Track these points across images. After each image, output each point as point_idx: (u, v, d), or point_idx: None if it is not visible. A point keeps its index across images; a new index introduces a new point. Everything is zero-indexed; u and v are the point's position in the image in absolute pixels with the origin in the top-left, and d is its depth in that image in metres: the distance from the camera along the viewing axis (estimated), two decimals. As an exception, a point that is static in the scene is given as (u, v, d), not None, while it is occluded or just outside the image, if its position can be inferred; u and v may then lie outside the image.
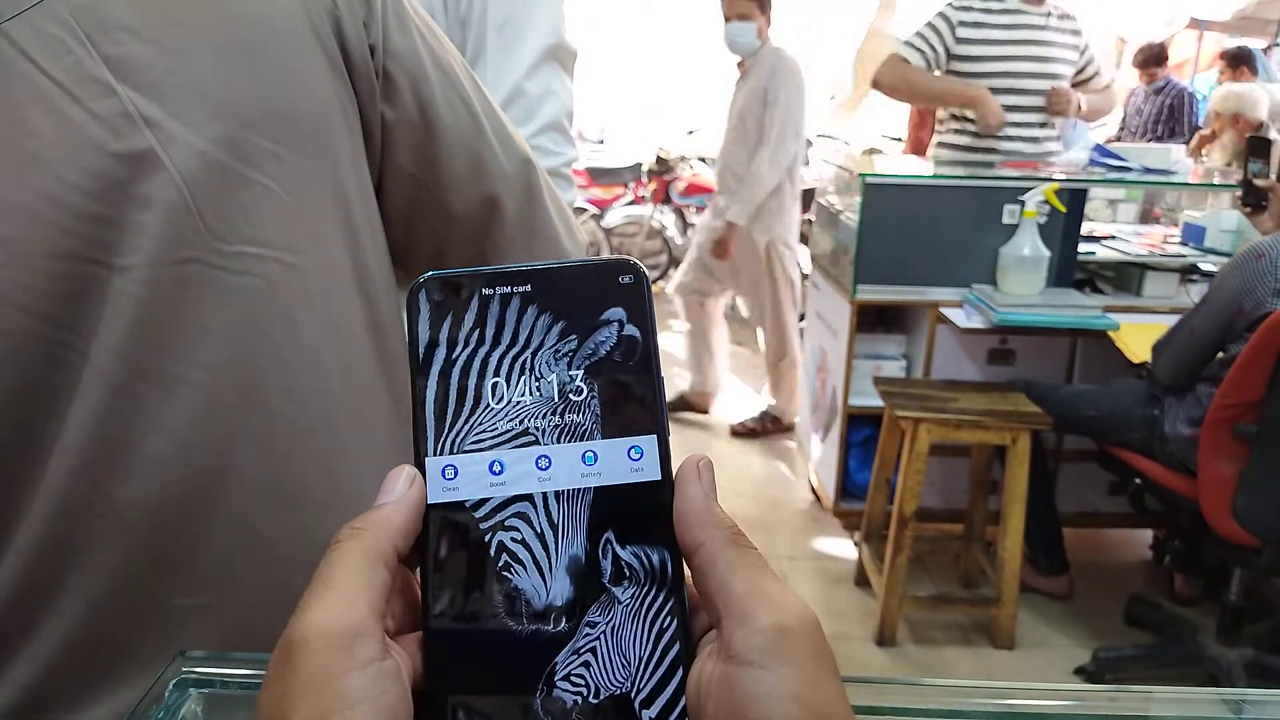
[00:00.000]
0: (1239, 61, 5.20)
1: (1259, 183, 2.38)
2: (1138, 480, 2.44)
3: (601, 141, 7.63)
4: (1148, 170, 3.08)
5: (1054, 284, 2.83)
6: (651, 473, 0.32)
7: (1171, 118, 5.37)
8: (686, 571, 0.32)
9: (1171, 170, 3.08)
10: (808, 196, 4.06)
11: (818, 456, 3.37)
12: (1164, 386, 2.33)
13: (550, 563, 0.31)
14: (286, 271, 0.56)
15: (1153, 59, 5.48)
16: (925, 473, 2.46)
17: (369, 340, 0.63)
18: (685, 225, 6.28)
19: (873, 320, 3.10)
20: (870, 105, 7.63)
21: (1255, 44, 5.94)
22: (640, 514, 0.31)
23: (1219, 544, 2.24)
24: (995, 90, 3.01)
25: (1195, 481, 2.21)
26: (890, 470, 2.71)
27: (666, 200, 6.32)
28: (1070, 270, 2.90)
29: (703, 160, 7.07)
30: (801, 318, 3.85)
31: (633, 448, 0.32)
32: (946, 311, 2.77)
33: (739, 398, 4.51)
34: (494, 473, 0.32)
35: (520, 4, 1.08)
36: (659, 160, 6.34)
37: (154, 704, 0.45)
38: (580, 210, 6.36)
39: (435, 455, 0.32)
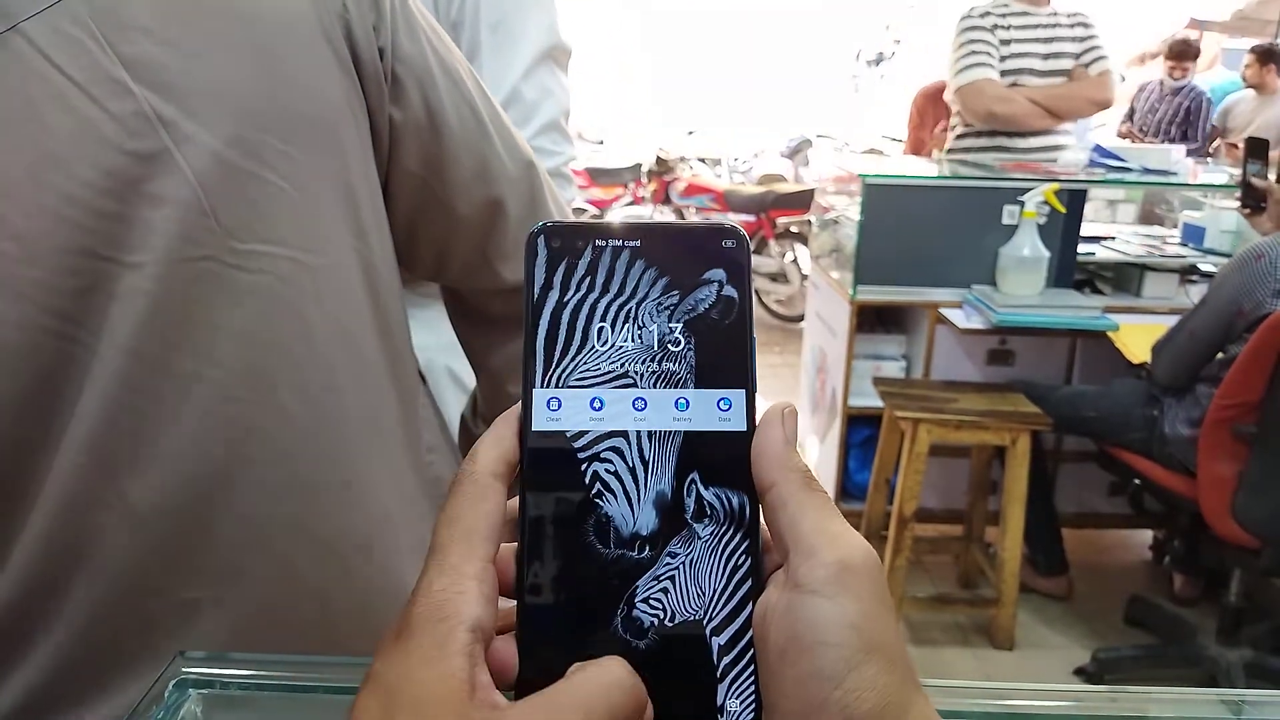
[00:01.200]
0: (1269, 58, 5.16)
1: (1257, 184, 2.38)
2: (1137, 481, 2.44)
3: (601, 141, 7.63)
4: (1148, 170, 3.08)
5: (1053, 284, 2.83)
6: (738, 423, 0.34)
7: (1186, 121, 5.32)
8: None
9: (1172, 170, 3.08)
10: (807, 197, 4.07)
11: (817, 457, 3.37)
12: (1163, 387, 2.33)
13: (639, 495, 0.33)
14: (297, 270, 0.56)
15: (1187, 52, 5.33)
16: (925, 473, 2.46)
17: (376, 338, 0.64)
18: (685, 226, 6.27)
19: (872, 321, 3.10)
20: (871, 106, 7.64)
21: (1254, 44, 5.94)
22: (724, 459, 0.34)
23: (1218, 544, 2.24)
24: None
25: (1195, 482, 2.21)
26: (890, 471, 2.71)
27: (666, 201, 6.32)
28: (1070, 271, 2.90)
29: (702, 161, 7.07)
30: (801, 318, 3.86)
31: (722, 399, 0.34)
32: (946, 312, 2.77)
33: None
34: (594, 409, 0.34)
35: (512, 4, 1.08)
36: (659, 160, 6.35)
37: (154, 704, 0.46)
38: (580, 210, 6.36)
39: (541, 387, 0.34)
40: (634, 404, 0.34)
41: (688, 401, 0.34)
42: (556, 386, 0.34)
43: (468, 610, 0.30)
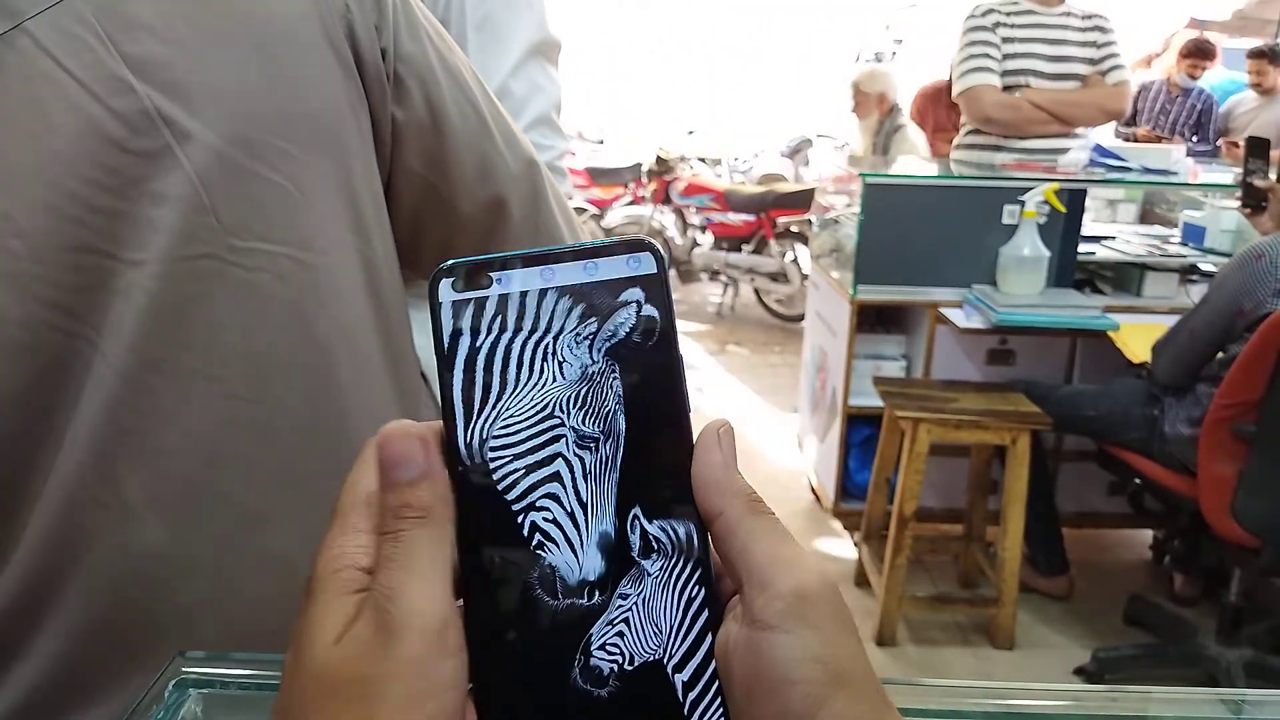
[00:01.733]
0: (1273, 58, 5.14)
1: (1258, 183, 2.38)
2: (1137, 480, 2.44)
3: (601, 141, 7.63)
4: (1148, 170, 3.08)
5: (1054, 284, 2.83)
6: (676, 452, 0.33)
7: (1199, 123, 5.29)
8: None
9: (1172, 170, 3.08)
10: (808, 196, 4.07)
11: (817, 457, 3.37)
12: (1164, 386, 2.33)
13: (581, 540, 0.32)
14: (298, 268, 0.57)
15: (1209, 52, 5.21)
16: (925, 473, 2.46)
17: (378, 338, 0.64)
18: (685, 225, 6.28)
19: (872, 320, 3.10)
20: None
21: (1254, 44, 5.94)
22: (666, 490, 0.33)
23: (1218, 544, 2.25)
24: (1011, 90, 2.99)
25: (1195, 481, 2.21)
26: (890, 470, 2.71)
27: (666, 200, 6.32)
28: (1070, 270, 2.90)
29: (703, 160, 7.07)
30: (801, 317, 3.86)
31: (656, 427, 0.33)
32: (946, 312, 2.77)
33: (739, 398, 4.52)
34: (522, 458, 0.33)
35: (499, 2, 1.08)
36: (659, 160, 6.35)
37: (154, 704, 0.46)
38: (580, 210, 6.36)
39: (466, 443, 0.32)
40: (564, 447, 0.33)
41: (620, 435, 0.33)
42: (481, 439, 0.32)
43: (364, 558, 0.31)
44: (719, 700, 0.31)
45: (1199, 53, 5.24)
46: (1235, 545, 2.20)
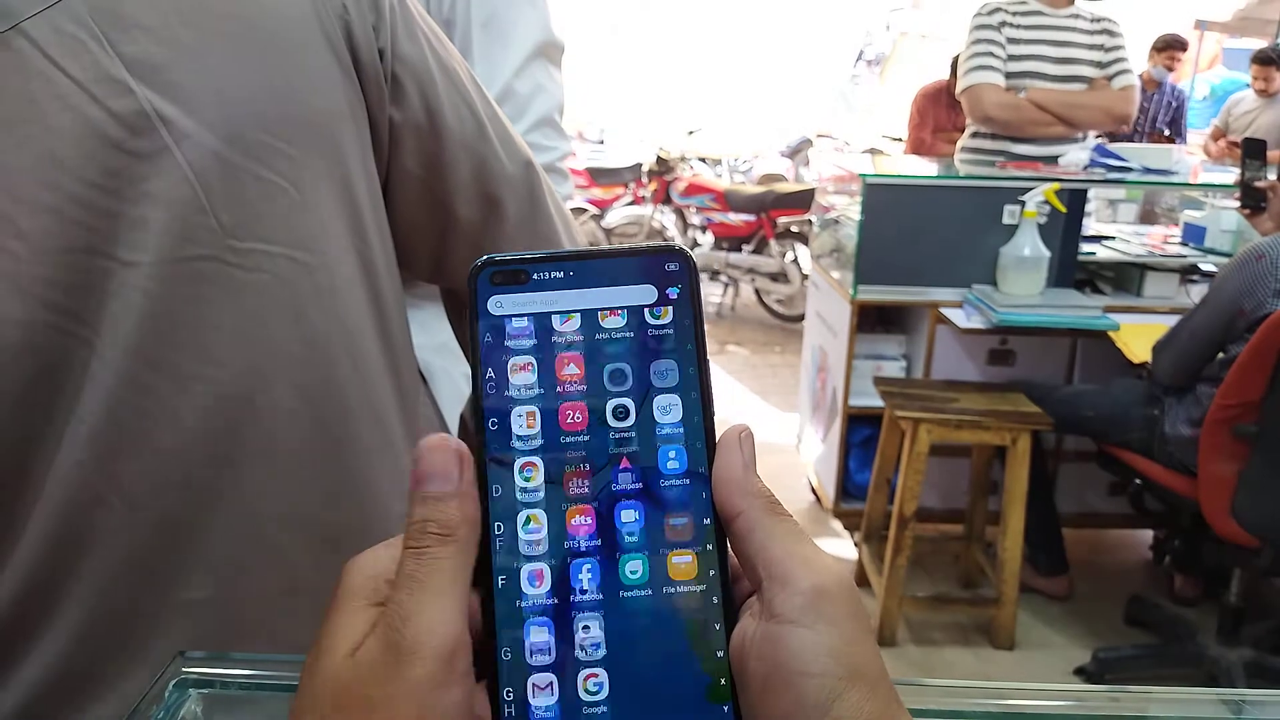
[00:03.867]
0: (1270, 61, 5.14)
1: (1257, 184, 2.38)
2: (1138, 480, 2.44)
3: (601, 141, 7.63)
4: (1148, 170, 3.08)
5: (1054, 284, 2.83)
6: (700, 455, 0.34)
7: (1173, 120, 5.31)
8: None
9: (1172, 170, 3.07)
10: (808, 196, 4.07)
11: (817, 457, 3.37)
12: (1164, 387, 2.33)
13: (604, 540, 0.33)
14: (296, 269, 0.57)
15: (1177, 43, 5.21)
16: (925, 473, 2.46)
17: (376, 338, 0.64)
18: (685, 225, 6.28)
19: (873, 320, 3.10)
20: (876, 107, 7.64)
21: (1256, 44, 5.94)
22: (689, 494, 0.33)
23: (1219, 544, 2.24)
24: (1014, 90, 2.98)
25: (1195, 482, 2.21)
26: (890, 470, 2.71)
27: (667, 200, 6.32)
28: (1070, 270, 2.90)
29: (703, 160, 7.07)
30: (801, 318, 3.86)
31: (680, 424, 0.34)
32: (946, 312, 2.77)
33: (738, 399, 4.52)
34: (550, 456, 0.33)
35: (503, 2, 1.08)
36: (659, 160, 6.34)
37: (154, 704, 0.46)
38: (580, 210, 6.36)
39: (494, 435, 0.33)
40: (592, 446, 0.33)
41: (647, 434, 0.34)
42: (512, 435, 0.33)
43: (393, 568, 0.31)
44: (731, 703, 0.32)
45: (1174, 44, 5.24)
46: (1235, 545, 2.20)
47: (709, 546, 0.33)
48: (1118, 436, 2.44)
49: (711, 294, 6.23)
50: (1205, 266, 3.00)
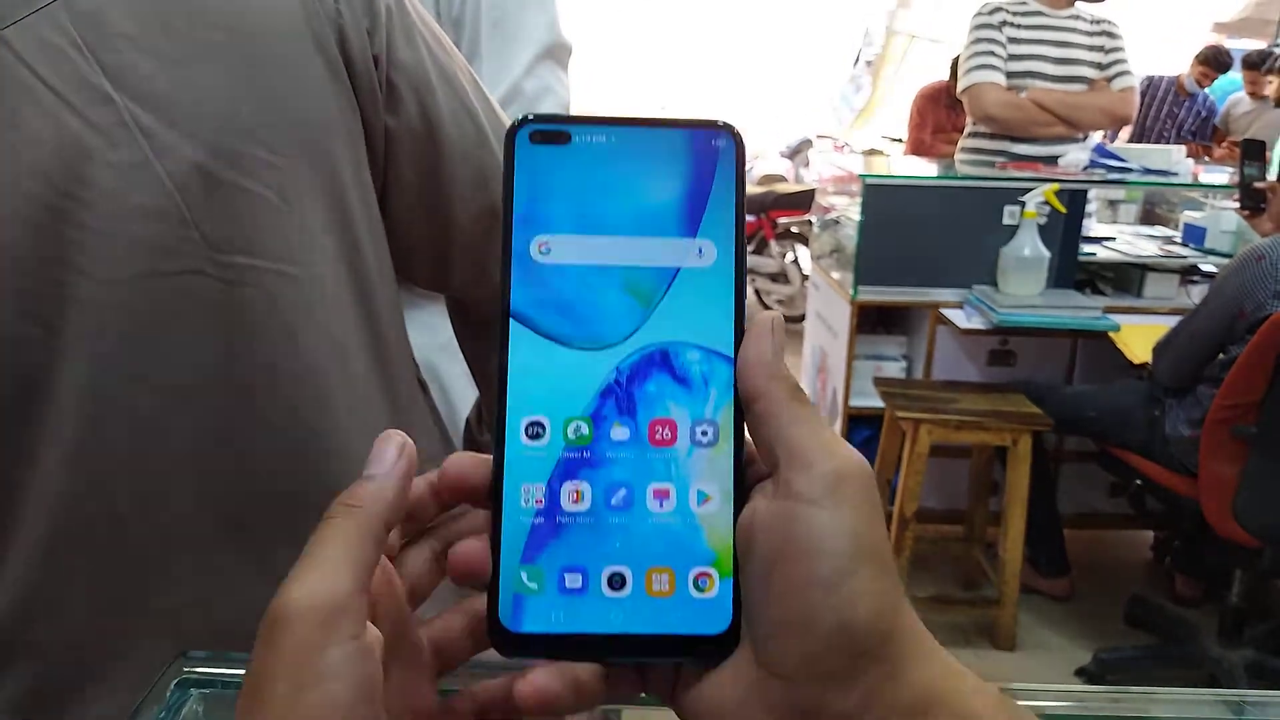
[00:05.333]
0: (1258, 65, 5.15)
1: (1257, 185, 2.38)
2: (1138, 481, 2.43)
3: (602, 142, 7.60)
4: (1148, 171, 3.08)
5: (1054, 285, 2.82)
6: (725, 337, 0.33)
7: (1201, 128, 5.30)
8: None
9: (1172, 171, 3.07)
10: (808, 197, 4.07)
11: (818, 457, 3.36)
12: (1164, 388, 2.33)
13: (621, 401, 0.33)
14: (282, 282, 0.56)
15: (1218, 63, 5.21)
16: (926, 474, 2.46)
17: (368, 351, 0.63)
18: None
19: (873, 321, 3.09)
20: (878, 107, 7.63)
21: (1255, 45, 5.93)
22: (711, 374, 0.33)
23: (1220, 545, 2.24)
24: (1014, 90, 2.98)
25: (1196, 482, 2.21)
26: (891, 471, 2.71)
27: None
28: (1071, 271, 2.90)
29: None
30: (801, 318, 3.86)
31: (711, 301, 0.34)
32: (947, 312, 2.76)
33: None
34: (573, 317, 0.33)
35: (513, 3, 1.09)
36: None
37: (154, 704, 0.45)
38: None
39: (518, 300, 0.33)
40: (619, 292, 0.33)
41: (677, 301, 0.33)
42: (539, 277, 0.33)
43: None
44: (731, 581, 0.32)
45: (1213, 62, 5.24)
46: (1236, 546, 2.19)
47: (727, 424, 0.33)
48: (1118, 437, 2.44)
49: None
50: (1205, 267, 2.99)
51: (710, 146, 0.34)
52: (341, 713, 0.28)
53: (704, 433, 0.33)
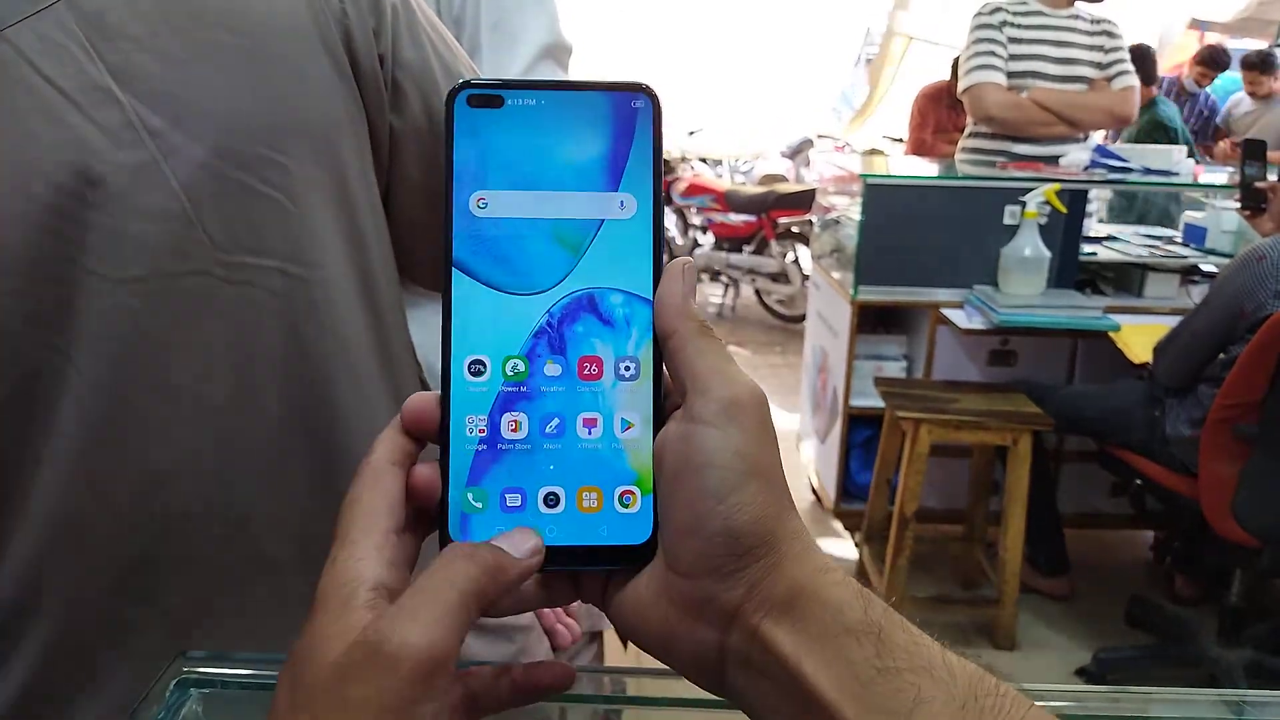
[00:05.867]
0: (1257, 65, 5.15)
1: (1258, 184, 2.38)
2: (1139, 481, 2.43)
3: (602, 142, 7.61)
4: (1148, 171, 3.08)
5: (1055, 285, 2.82)
6: (644, 282, 0.37)
7: (1203, 128, 5.30)
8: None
9: (1173, 171, 3.07)
10: (809, 197, 4.07)
11: (818, 457, 3.36)
12: (1165, 387, 2.33)
13: (553, 340, 0.36)
14: (289, 282, 0.56)
15: (1215, 63, 5.24)
16: (926, 473, 2.45)
17: (373, 349, 0.63)
18: (686, 225, 6.28)
19: (873, 321, 3.09)
20: (877, 107, 7.63)
21: (1255, 45, 5.93)
22: (632, 317, 0.37)
23: (1220, 545, 2.24)
24: (1015, 90, 2.97)
25: (1196, 482, 2.21)
26: (891, 471, 2.71)
27: (667, 201, 6.32)
28: (1071, 271, 2.89)
29: (704, 161, 7.07)
30: (802, 318, 3.86)
31: (631, 250, 0.37)
32: (947, 312, 2.76)
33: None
34: (509, 266, 0.36)
35: (513, 3, 1.09)
36: (660, 160, 6.34)
37: (154, 704, 0.45)
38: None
39: (460, 251, 0.36)
40: (549, 243, 0.36)
41: (603, 250, 0.37)
42: (478, 229, 0.36)
43: (369, 573, 0.33)
44: (650, 496, 0.36)
45: (1211, 62, 5.24)
46: (1236, 546, 2.19)
47: (647, 360, 0.37)
48: (1119, 437, 2.43)
49: (712, 294, 6.23)
50: (1206, 267, 2.99)
51: (630, 108, 0.37)
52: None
53: (626, 368, 0.37)
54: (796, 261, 5.62)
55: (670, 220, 6.33)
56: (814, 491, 3.43)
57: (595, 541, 0.36)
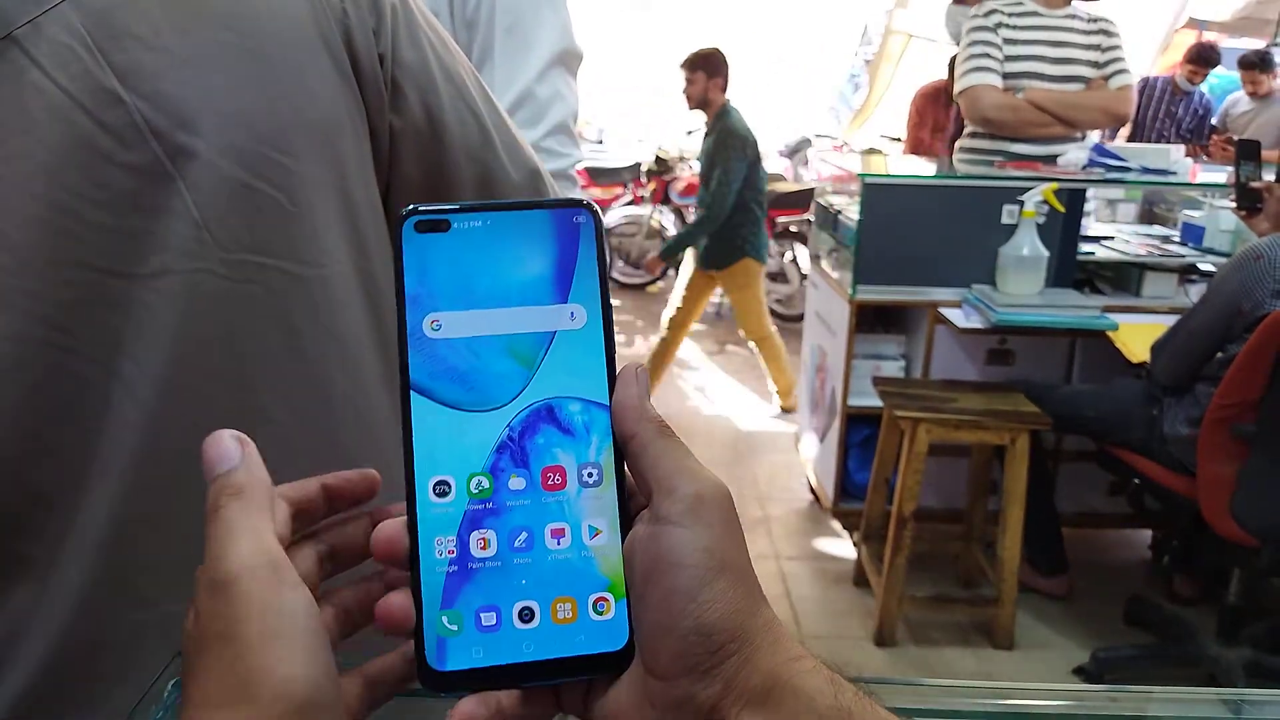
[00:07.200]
0: (1253, 65, 5.15)
1: (1253, 184, 2.38)
2: (1137, 480, 2.44)
3: (601, 141, 7.62)
4: (1147, 170, 3.08)
5: (1053, 284, 2.83)
6: (600, 388, 0.38)
7: (1198, 127, 5.31)
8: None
9: (1170, 170, 3.07)
10: (807, 196, 4.06)
11: (816, 456, 3.37)
12: (1163, 387, 2.33)
13: (514, 456, 0.37)
14: (288, 281, 0.56)
15: (1205, 60, 5.24)
16: (924, 473, 2.46)
17: (375, 350, 0.63)
18: (685, 225, 6.27)
19: (872, 320, 3.10)
20: (876, 106, 7.63)
21: (1255, 44, 5.94)
22: (592, 424, 0.37)
23: (1218, 544, 2.25)
24: (1012, 90, 2.97)
25: (1194, 481, 2.21)
26: (889, 470, 2.71)
27: (665, 200, 6.31)
28: (1069, 270, 2.90)
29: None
30: (800, 317, 3.86)
31: (585, 360, 0.37)
32: (945, 312, 2.77)
33: (738, 398, 4.51)
34: (467, 386, 0.37)
35: (528, 7, 1.10)
36: (658, 160, 6.34)
37: (153, 704, 0.45)
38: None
39: (415, 374, 0.37)
40: (504, 367, 0.37)
41: (555, 368, 0.37)
42: (432, 355, 0.37)
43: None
44: (624, 600, 0.36)
45: (1200, 59, 5.25)
46: (1235, 545, 2.20)
47: (609, 464, 0.37)
48: (1117, 436, 2.44)
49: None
50: (1204, 266, 3.00)
51: (573, 223, 0.38)
52: (313, 642, 0.33)
53: (590, 474, 0.37)
54: (794, 261, 5.61)
55: (670, 220, 6.32)
56: (812, 491, 3.43)
57: (573, 652, 0.36)
